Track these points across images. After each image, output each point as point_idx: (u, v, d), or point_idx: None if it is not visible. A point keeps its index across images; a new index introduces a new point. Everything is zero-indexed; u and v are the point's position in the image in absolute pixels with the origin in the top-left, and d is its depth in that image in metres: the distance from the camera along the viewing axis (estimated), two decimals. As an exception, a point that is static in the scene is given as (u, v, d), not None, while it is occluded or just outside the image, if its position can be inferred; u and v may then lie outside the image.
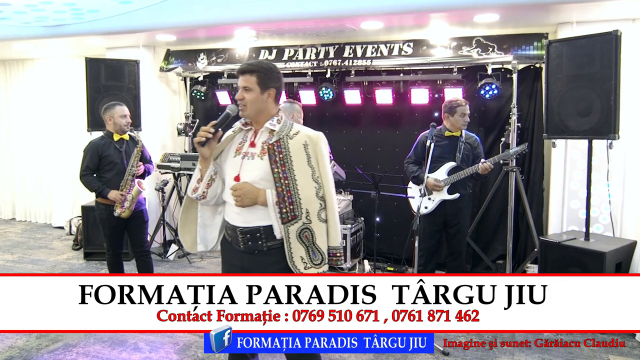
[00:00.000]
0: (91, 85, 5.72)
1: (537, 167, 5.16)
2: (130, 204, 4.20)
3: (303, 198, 2.30)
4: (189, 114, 6.63)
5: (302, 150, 2.35)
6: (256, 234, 2.36)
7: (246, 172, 2.37)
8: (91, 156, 4.26)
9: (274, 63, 2.46)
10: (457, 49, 5.20)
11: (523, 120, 5.16)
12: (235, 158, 2.43)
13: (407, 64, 5.43)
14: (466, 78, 5.34)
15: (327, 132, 6.29)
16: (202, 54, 6.36)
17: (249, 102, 2.35)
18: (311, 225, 2.31)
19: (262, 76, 2.35)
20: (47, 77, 7.64)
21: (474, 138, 4.36)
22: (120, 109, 4.30)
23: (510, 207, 5.11)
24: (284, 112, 4.11)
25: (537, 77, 5.13)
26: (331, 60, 5.72)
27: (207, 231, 2.55)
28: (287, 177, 2.30)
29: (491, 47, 5.07)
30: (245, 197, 2.31)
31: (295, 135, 2.38)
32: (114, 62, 5.85)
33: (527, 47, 4.95)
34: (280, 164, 2.32)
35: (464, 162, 4.25)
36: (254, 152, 2.39)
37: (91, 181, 4.24)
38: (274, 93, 2.40)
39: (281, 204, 2.29)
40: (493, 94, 5.07)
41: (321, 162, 2.37)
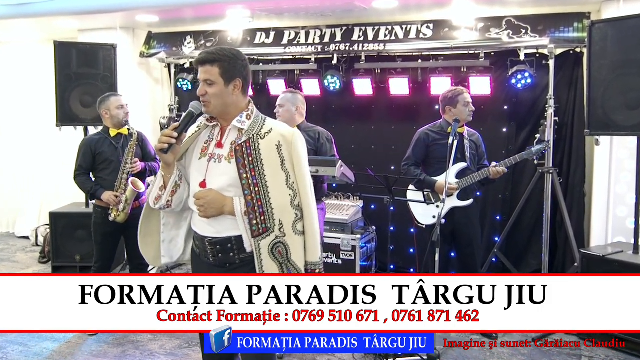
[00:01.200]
0: (61, 73, 5.73)
1: (577, 168, 5.13)
2: (124, 206, 4.23)
3: (276, 207, 2.29)
4: (174, 106, 6.64)
5: (274, 152, 2.33)
6: (227, 245, 2.36)
7: (213, 178, 2.36)
8: (84, 154, 4.36)
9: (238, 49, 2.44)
10: (484, 31, 5.18)
11: (561, 114, 5.13)
12: (201, 160, 2.41)
13: (426, 49, 5.41)
14: (495, 65, 5.32)
15: (333, 127, 6.26)
16: (188, 37, 6.36)
17: (212, 97, 2.33)
18: (285, 239, 2.30)
19: (225, 66, 2.33)
20: (9, 64, 7.67)
21: (477, 136, 4.40)
22: (116, 100, 4.39)
23: (546, 215, 5.08)
24: (287, 104, 4.16)
25: (577, 63, 5.10)
26: (338, 44, 5.70)
27: (172, 241, 2.56)
28: (257, 183, 2.29)
29: (524, 29, 5.05)
30: (210, 207, 2.31)
31: (267, 134, 2.36)
32: (87, 47, 5.86)
33: (566, 29, 4.92)
34: (250, 168, 2.30)
35: (471, 163, 4.27)
36: (221, 153, 2.37)
37: (84, 182, 4.35)
38: (241, 84, 2.38)
39: (251, 214, 2.28)
40: (526, 84, 5.05)
41: (297, 165, 2.35)
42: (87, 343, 4.17)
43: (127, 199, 4.24)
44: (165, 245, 2.55)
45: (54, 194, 7.49)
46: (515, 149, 5.29)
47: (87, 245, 5.82)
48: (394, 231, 5.26)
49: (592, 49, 4.21)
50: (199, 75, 2.36)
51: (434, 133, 4.36)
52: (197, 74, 2.42)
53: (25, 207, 7.72)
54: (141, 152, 4.53)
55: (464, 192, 4.23)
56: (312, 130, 4.19)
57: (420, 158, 4.42)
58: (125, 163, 4.32)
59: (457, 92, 4.29)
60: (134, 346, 4.11)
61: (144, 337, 4.24)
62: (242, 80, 2.38)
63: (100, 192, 4.28)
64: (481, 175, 4.18)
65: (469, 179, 4.20)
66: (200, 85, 2.35)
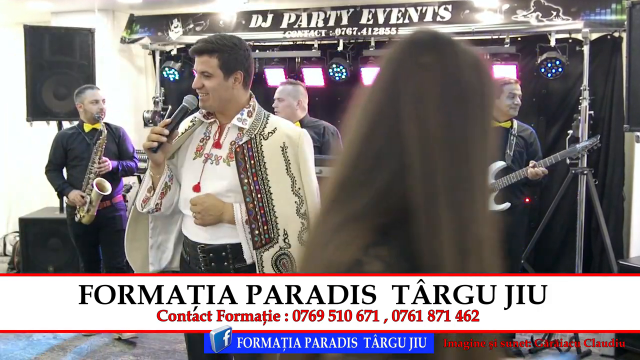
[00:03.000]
0: (32, 62, 5.74)
1: (615, 168, 5.13)
2: (89, 208, 4.34)
3: (280, 216, 2.32)
4: (159, 98, 6.64)
5: (279, 155, 2.35)
6: (221, 253, 2.38)
7: (209, 181, 2.37)
8: (54, 149, 4.55)
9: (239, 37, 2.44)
10: (509, 14, 5.18)
11: (597, 107, 5.13)
12: (195, 161, 2.42)
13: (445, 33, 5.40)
14: (522, 51, 5.32)
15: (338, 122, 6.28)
16: (175, 20, 6.37)
17: (209, 91, 2.34)
18: (290, 251, 2.32)
19: (225, 57, 2.33)
20: (-25, 50, 7.69)
21: (529, 131, 4.34)
22: (92, 94, 4.50)
23: (580, 221, 5.06)
24: (287, 98, 4.17)
25: (615, 49, 5.10)
26: (344, 28, 5.71)
27: (160, 247, 2.58)
28: (259, 189, 2.31)
29: (555, 11, 5.04)
30: (207, 214, 2.31)
31: (271, 134, 2.37)
32: (62, 32, 5.87)
33: (603, 11, 4.92)
34: (251, 173, 2.31)
35: (515, 162, 4.22)
36: (220, 154, 2.38)
37: (53, 178, 4.54)
38: (242, 77, 2.38)
39: (252, 223, 2.30)
40: (557, 72, 5.04)
41: (304, 169, 2.37)
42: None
43: (92, 200, 4.32)
44: (153, 251, 2.56)
45: (23, 198, 7.51)
46: (545, 146, 5.28)
47: (61, 255, 5.83)
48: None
49: (632, 34, 4.20)
50: (195, 65, 2.37)
51: None
52: (182, 61, 2.43)
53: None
54: (117, 150, 4.61)
55: (504, 194, 4.18)
56: (316, 126, 4.20)
57: None
58: (92, 162, 4.38)
59: (503, 82, 4.25)
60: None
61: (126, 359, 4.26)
62: (243, 72, 2.38)
63: (68, 190, 4.43)
64: (518, 176, 4.12)
65: (505, 180, 4.16)
66: (197, 77, 2.36)
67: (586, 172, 4.93)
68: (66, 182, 4.51)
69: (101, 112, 4.48)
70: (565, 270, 5.30)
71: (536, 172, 4.05)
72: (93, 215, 4.35)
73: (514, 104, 4.23)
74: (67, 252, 5.80)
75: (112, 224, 4.53)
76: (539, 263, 5.38)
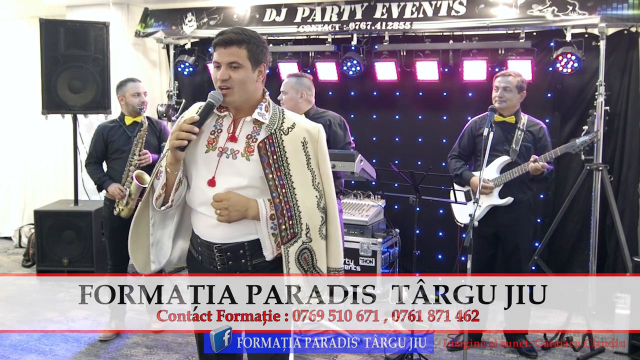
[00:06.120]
0: (47, 55, 5.79)
1: (630, 164, 5.09)
2: (129, 201, 4.38)
3: (303, 211, 2.33)
4: (173, 92, 6.67)
5: (300, 150, 2.36)
6: (239, 251, 2.37)
7: (225, 176, 2.35)
8: (95, 142, 4.58)
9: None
10: (525, 8, 5.15)
11: (613, 103, 5.09)
12: (209, 154, 2.38)
13: (459, 28, 5.39)
14: (537, 46, 5.29)
15: (352, 117, 6.28)
16: (189, 14, 6.39)
17: (237, 83, 2.31)
18: (311, 245, 2.35)
19: (253, 49, 2.32)
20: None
21: (539, 126, 4.31)
22: (133, 86, 4.55)
23: (595, 218, 5.04)
24: (290, 91, 4.18)
25: (632, 45, 5.06)
26: (358, 22, 5.70)
27: (158, 243, 2.54)
28: (283, 184, 2.31)
29: (571, 5, 5.01)
30: (234, 210, 2.29)
31: (291, 129, 2.37)
32: (77, 25, 5.91)
33: (620, 5, 4.88)
34: (275, 168, 2.31)
35: (521, 157, 4.21)
36: (236, 148, 2.36)
37: (93, 171, 4.57)
38: (264, 70, 2.41)
39: (280, 218, 2.30)
40: (573, 68, 5.01)
41: (322, 164, 2.40)
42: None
43: (131, 193, 4.37)
44: (153, 249, 2.54)
45: (39, 190, 7.58)
46: (560, 143, 5.24)
47: (76, 248, 5.89)
48: (420, 235, 5.25)
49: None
50: (219, 57, 2.32)
51: (481, 121, 4.37)
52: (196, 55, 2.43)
53: (8, 205, 7.82)
54: (157, 143, 4.63)
55: (508, 189, 4.19)
56: (322, 117, 4.22)
57: (467, 150, 4.45)
58: (133, 154, 4.43)
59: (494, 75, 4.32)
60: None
61: (139, 351, 4.29)
62: (265, 65, 2.40)
63: (108, 183, 4.46)
64: (520, 171, 4.13)
65: (509, 175, 4.17)
66: (223, 68, 2.31)
67: (601, 168, 4.90)
68: (106, 175, 4.54)
69: (143, 104, 4.52)
70: (579, 266, 5.28)
71: (536, 168, 4.03)
72: (132, 209, 4.34)
73: (498, 97, 4.22)
74: (81, 244, 5.88)
75: None
76: (553, 260, 5.36)
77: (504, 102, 4.21)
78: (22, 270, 6.45)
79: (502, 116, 4.25)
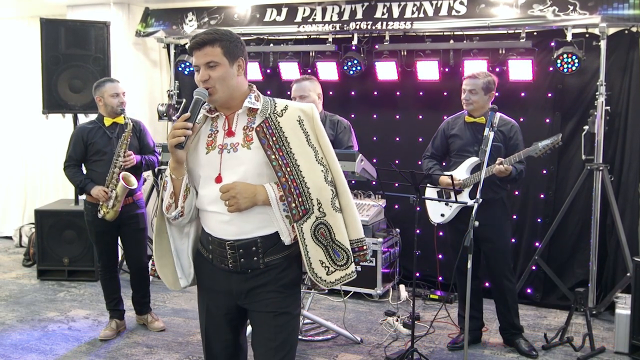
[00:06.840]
0: (48, 54, 5.79)
1: (631, 164, 5.09)
2: (114, 203, 4.30)
3: (312, 186, 2.35)
4: (173, 92, 6.68)
5: (297, 128, 2.39)
6: (251, 248, 2.37)
7: (230, 170, 2.36)
8: (74, 144, 4.47)
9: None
10: (526, 8, 5.15)
11: (614, 103, 5.09)
12: (210, 154, 2.40)
13: (459, 28, 5.38)
14: (538, 46, 5.29)
15: (352, 116, 6.27)
16: (190, 13, 6.40)
17: (217, 80, 2.33)
18: (326, 219, 2.37)
19: (227, 45, 2.35)
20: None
21: (510, 125, 4.25)
22: (112, 87, 4.45)
23: (595, 218, 5.04)
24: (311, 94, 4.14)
25: (633, 44, 5.06)
26: (359, 22, 5.70)
27: (182, 258, 2.55)
28: (287, 163, 2.34)
29: (572, 5, 5.00)
30: (242, 197, 2.30)
31: (284, 111, 2.41)
32: (77, 25, 5.92)
33: (621, 5, 4.87)
34: (276, 149, 2.34)
35: (491, 158, 4.08)
36: (235, 142, 2.38)
37: (74, 174, 4.46)
38: (243, 64, 2.42)
39: (288, 197, 2.32)
40: (574, 67, 5.00)
41: (322, 140, 2.43)
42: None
43: (117, 195, 4.29)
44: (178, 264, 2.54)
45: (39, 190, 7.59)
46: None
47: (76, 247, 5.90)
48: (420, 234, 5.26)
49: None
50: (196, 60, 2.35)
51: (453, 121, 4.39)
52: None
53: (8, 204, 7.83)
54: (138, 144, 4.57)
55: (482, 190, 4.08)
56: (332, 120, 4.22)
57: (440, 150, 4.47)
58: (118, 156, 4.36)
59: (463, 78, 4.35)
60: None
61: (139, 351, 4.29)
62: (243, 59, 2.42)
63: (90, 186, 4.35)
64: (487, 173, 4.01)
65: (476, 177, 4.12)
66: (201, 70, 2.34)
67: (602, 168, 4.91)
68: (87, 177, 4.42)
69: (122, 105, 4.45)
70: (580, 266, 5.28)
71: (500, 170, 3.98)
72: (117, 211, 4.30)
73: (464, 100, 4.24)
74: (81, 243, 5.89)
75: (134, 222, 4.50)
76: (553, 260, 5.36)
77: (471, 105, 4.24)
78: (22, 269, 6.45)
79: (472, 117, 4.27)
